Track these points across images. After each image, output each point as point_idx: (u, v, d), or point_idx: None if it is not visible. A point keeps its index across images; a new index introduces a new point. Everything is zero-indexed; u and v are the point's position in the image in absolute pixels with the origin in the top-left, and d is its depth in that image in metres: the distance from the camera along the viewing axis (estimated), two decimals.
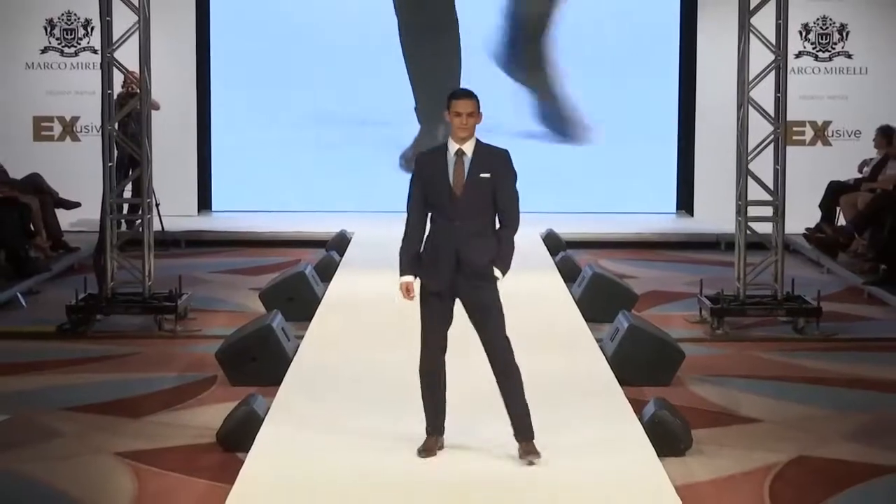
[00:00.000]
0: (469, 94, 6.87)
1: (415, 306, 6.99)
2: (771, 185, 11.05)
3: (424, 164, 6.94)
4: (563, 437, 7.18)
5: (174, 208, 15.93)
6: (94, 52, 16.09)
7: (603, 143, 17.46)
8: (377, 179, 16.88)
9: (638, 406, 7.76)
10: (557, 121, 17.55)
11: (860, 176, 14.89)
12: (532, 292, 11.43)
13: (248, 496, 6.29)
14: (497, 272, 6.90)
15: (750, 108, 10.92)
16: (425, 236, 6.95)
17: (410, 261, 6.94)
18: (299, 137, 17.45)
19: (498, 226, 6.94)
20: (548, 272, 12.47)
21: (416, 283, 6.96)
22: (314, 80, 17.41)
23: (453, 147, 6.87)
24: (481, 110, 6.88)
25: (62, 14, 16.82)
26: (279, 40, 17.31)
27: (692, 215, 17.14)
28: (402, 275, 6.97)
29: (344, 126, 17.43)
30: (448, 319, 6.97)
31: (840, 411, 8.43)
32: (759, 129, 11.03)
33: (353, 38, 17.36)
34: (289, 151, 17.41)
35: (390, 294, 11.20)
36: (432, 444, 6.97)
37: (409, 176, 7.11)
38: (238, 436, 7.36)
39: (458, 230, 6.83)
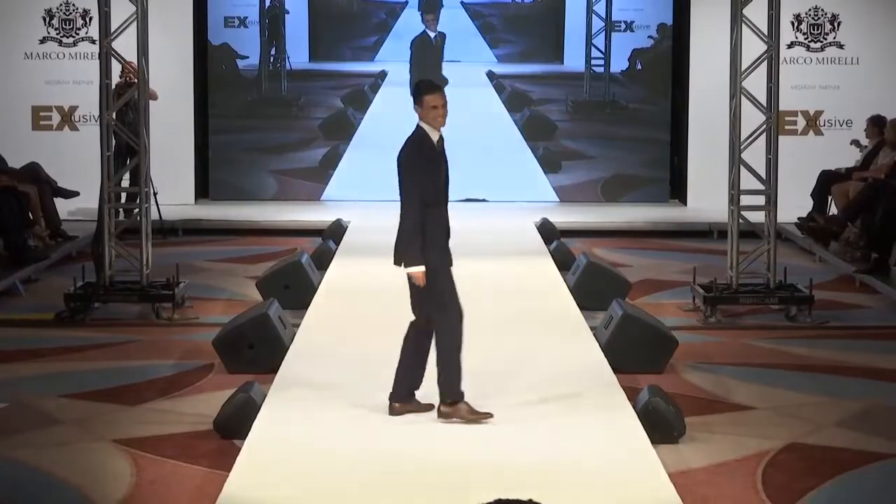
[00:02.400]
0: (441, 87, 7.24)
1: (408, 294, 6.99)
2: (763, 175, 11.03)
3: (422, 157, 7.12)
4: (556, 424, 7.17)
5: (172, 197, 15.91)
6: (93, 42, 16.05)
7: (598, 132, 17.45)
8: (373, 169, 16.86)
9: (631, 393, 7.75)
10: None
11: (852, 165, 14.87)
12: (527, 280, 11.44)
13: (245, 483, 6.27)
14: None
15: (742, 97, 10.89)
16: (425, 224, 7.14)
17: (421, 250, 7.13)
18: (294, 126, 17.45)
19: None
20: (542, 260, 12.46)
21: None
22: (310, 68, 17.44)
23: (434, 136, 7.17)
24: None
25: (61, 4, 16.77)
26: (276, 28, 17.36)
27: (685, 204, 17.13)
28: (419, 264, 7.13)
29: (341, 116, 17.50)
30: None
31: (832, 398, 8.42)
32: (752, 118, 11.02)
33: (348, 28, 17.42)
34: (283, 140, 17.40)
35: (386, 281, 11.27)
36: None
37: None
38: (235, 423, 7.34)
39: (447, 211, 7.25)
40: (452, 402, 7.16)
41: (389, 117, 16.81)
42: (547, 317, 10.03)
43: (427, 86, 7.16)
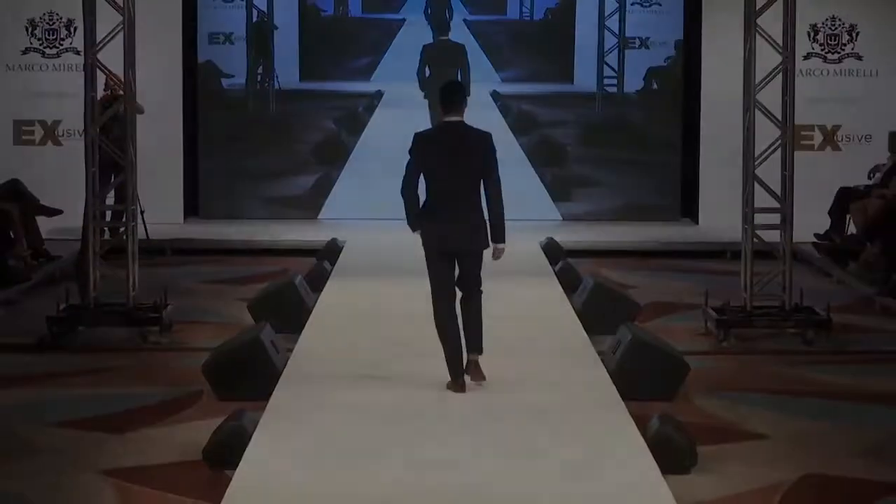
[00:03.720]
0: None
1: (407, 318, 7.00)
2: (778, 192, 11.04)
3: None
4: (563, 454, 7.17)
5: (160, 215, 15.91)
6: (77, 53, 16.09)
7: (611, 157, 17.39)
8: (369, 187, 16.83)
9: (641, 422, 7.74)
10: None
11: (870, 182, 14.89)
12: (531, 303, 11.45)
13: None
14: None
15: (756, 111, 10.92)
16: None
17: None
18: (285, 149, 17.40)
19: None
20: (547, 282, 12.47)
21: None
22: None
23: None
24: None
25: (44, 14, 16.81)
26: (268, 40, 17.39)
27: (697, 223, 17.14)
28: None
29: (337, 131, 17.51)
30: None
31: (851, 427, 8.43)
32: (766, 133, 11.04)
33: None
34: (279, 157, 17.40)
35: (384, 304, 11.29)
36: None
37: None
38: (225, 452, 7.33)
39: None
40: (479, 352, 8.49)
41: (386, 139, 16.68)
42: (552, 341, 10.03)
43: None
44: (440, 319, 8.42)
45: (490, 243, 8.43)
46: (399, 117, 16.82)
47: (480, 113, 16.22)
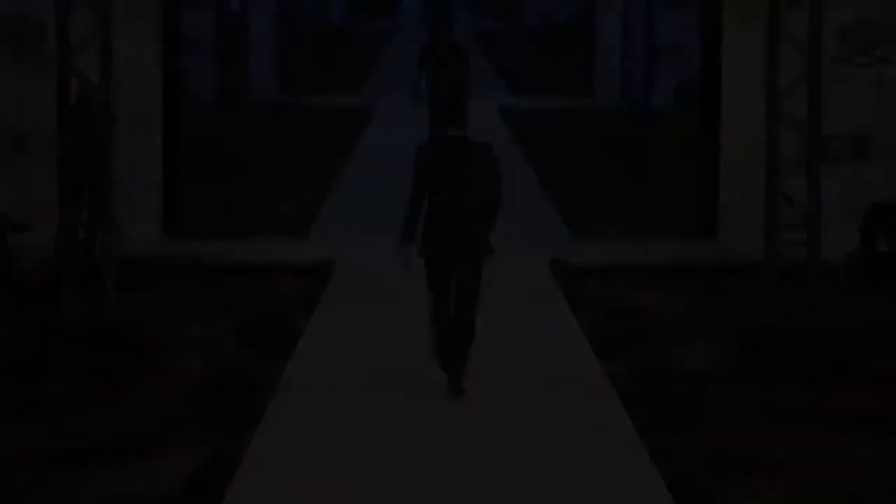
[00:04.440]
0: None
1: (402, 341, 7.00)
2: (805, 207, 11.03)
3: None
4: (573, 492, 7.16)
5: (136, 231, 15.87)
6: (50, 58, 16.08)
7: (635, 178, 17.37)
8: (363, 203, 16.85)
9: (657, 453, 7.73)
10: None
11: None
12: (537, 325, 11.45)
13: None
14: None
15: (781, 120, 10.92)
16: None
17: None
18: (269, 165, 17.44)
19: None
20: (555, 302, 12.46)
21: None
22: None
23: None
24: None
25: (15, 16, 16.80)
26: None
27: (717, 239, 17.12)
28: None
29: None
30: None
31: (886, 457, 8.41)
32: (792, 143, 11.03)
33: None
34: (267, 170, 17.44)
35: (378, 327, 11.29)
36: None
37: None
38: (209, 487, 7.32)
39: None
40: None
41: (379, 154, 16.68)
42: (560, 366, 10.03)
43: None
44: (433, 310, 9.03)
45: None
46: (393, 129, 16.82)
47: (485, 130, 16.29)
